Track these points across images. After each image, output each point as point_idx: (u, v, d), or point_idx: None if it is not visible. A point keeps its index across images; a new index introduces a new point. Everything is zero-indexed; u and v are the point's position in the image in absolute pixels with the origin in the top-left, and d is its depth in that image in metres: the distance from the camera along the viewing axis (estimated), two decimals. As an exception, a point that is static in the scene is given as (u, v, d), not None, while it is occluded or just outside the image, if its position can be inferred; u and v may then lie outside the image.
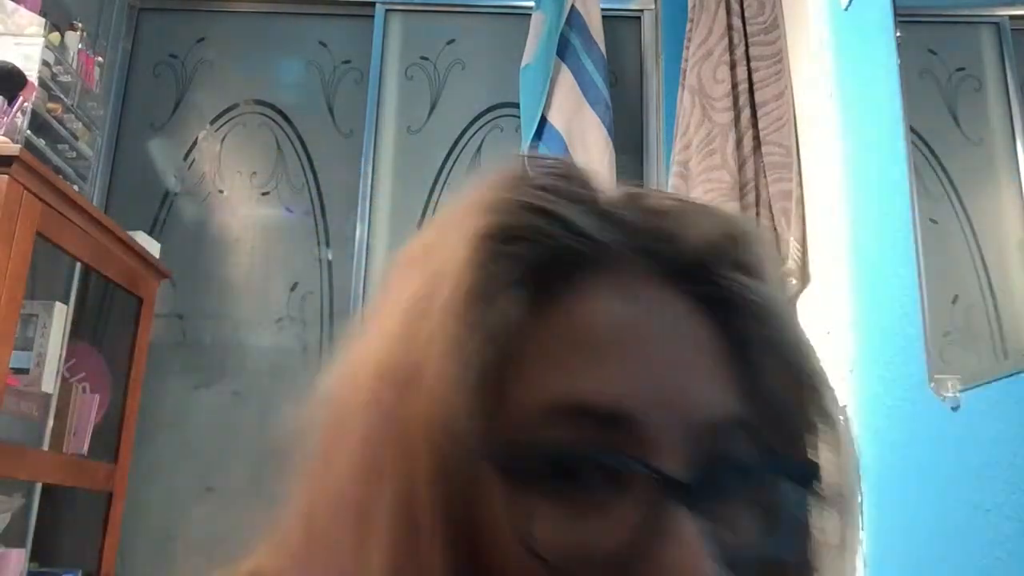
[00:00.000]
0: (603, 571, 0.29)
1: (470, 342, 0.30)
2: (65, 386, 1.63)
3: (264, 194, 2.27)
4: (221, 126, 2.31)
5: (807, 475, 0.34)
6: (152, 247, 1.88)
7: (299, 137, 2.31)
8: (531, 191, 0.34)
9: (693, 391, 0.32)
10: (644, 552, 0.29)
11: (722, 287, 0.35)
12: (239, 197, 2.26)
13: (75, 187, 1.68)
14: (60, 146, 1.70)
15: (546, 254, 0.33)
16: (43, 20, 1.64)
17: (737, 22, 1.79)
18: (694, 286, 0.35)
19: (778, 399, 0.34)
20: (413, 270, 0.34)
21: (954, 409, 1.01)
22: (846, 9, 1.43)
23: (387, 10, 2.39)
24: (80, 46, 1.80)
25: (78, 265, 1.69)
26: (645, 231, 0.35)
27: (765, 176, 1.69)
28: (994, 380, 0.93)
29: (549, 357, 0.32)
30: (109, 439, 1.74)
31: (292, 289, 2.20)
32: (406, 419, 0.30)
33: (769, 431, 0.34)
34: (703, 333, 0.34)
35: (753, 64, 1.76)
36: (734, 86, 1.74)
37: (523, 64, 2.13)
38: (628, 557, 0.29)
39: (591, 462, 0.30)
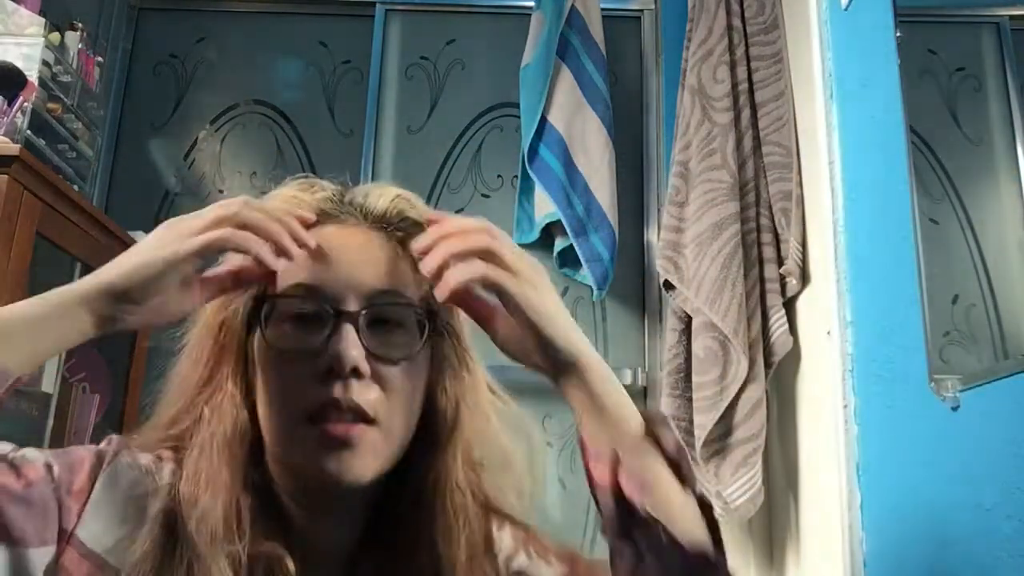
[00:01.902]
0: (310, 356, 0.60)
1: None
2: (65, 386, 1.63)
3: (264, 194, 2.26)
4: (221, 126, 2.31)
5: (429, 317, 0.65)
6: (152, 247, 1.87)
7: (299, 137, 2.31)
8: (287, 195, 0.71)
9: (365, 275, 0.63)
10: (328, 346, 0.60)
11: (397, 229, 0.67)
12: (239, 197, 2.26)
13: (75, 187, 1.68)
14: (60, 146, 1.70)
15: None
16: (43, 20, 1.64)
17: (737, 22, 1.79)
18: (384, 229, 0.67)
19: (419, 285, 0.65)
20: None
21: (954, 409, 1.01)
22: (846, 9, 1.43)
23: (387, 10, 2.39)
24: (80, 46, 1.80)
25: (78, 265, 1.69)
26: (353, 204, 0.68)
27: (765, 176, 1.69)
28: (994, 380, 0.93)
29: (292, 265, 0.62)
30: (109, 439, 1.73)
31: (292, 289, 2.20)
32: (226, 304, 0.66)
33: (410, 295, 0.65)
34: (382, 250, 0.65)
35: (753, 64, 1.76)
36: (734, 86, 1.74)
37: (523, 64, 2.13)
38: (321, 348, 0.60)
39: (309, 308, 0.62)
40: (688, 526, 0.58)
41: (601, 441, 0.60)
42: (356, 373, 0.60)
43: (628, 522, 0.57)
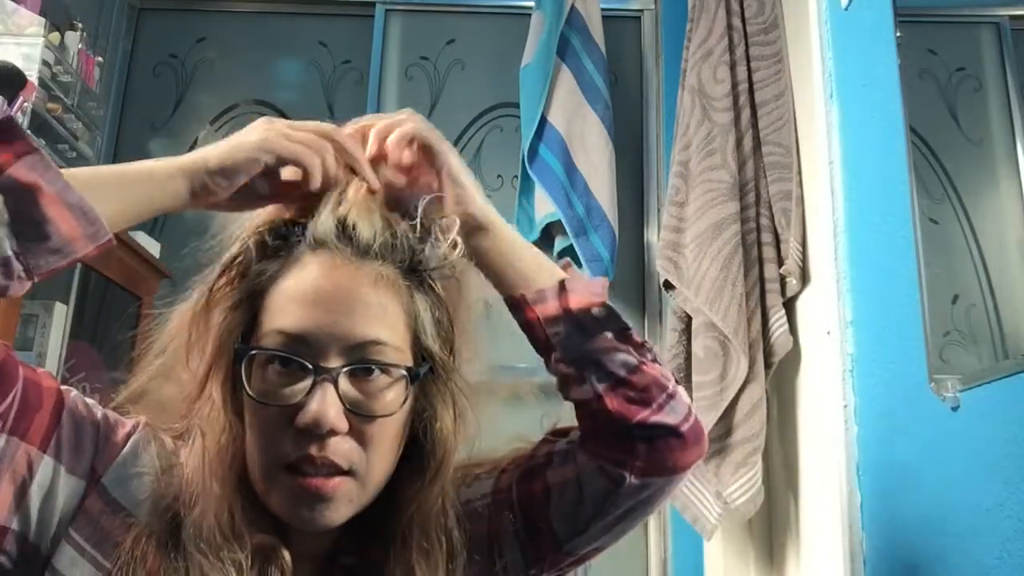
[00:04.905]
0: (286, 409, 0.60)
1: (238, 294, 0.65)
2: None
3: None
4: (221, 126, 2.31)
5: (415, 373, 0.64)
6: (152, 247, 1.88)
7: (299, 137, 2.31)
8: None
9: (349, 324, 0.62)
10: (304, 403, 0.60)
11: (387, 261, 0.65)
12: (239, 197, 2.26)
13: (75, 187, 1.68)
14: (60, 146, 1.70)
15: (283, 246, 0.65)
16: (43, 20, 1.64)
17: (737, 22, 1.79)
18: (375, 260, 0.64)
19: (409, 325, 0.65)
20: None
21: (954, 409, 1.01)
22: (846, 9, 1.43)
23: (387, 10, 2.39)
24: (80, 46, 1.80)
25: (78, 265, 1.69)
26: (344, 231, 0.64)
27: (765, 176, 1.69)
28: (994, 380, 0.93)
29: (277, 305, 0.63)
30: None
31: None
32: (215, 326, 0.65)
33: (399, 344, 0.64)
34: (371, 291, 0.63)
35: (753, 64, 1.76)
36: (734, 86, 1.74)
37: (523, 64, 2.13)
38: (301, 403, 0.60)
39: (288, 358, 0.61)
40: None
41: (531, 282, 0.70)
42: (333, 432, 0.60)
43: (581, 335, 0.67)
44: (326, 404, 0.59)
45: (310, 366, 0.61)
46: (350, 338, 0.62)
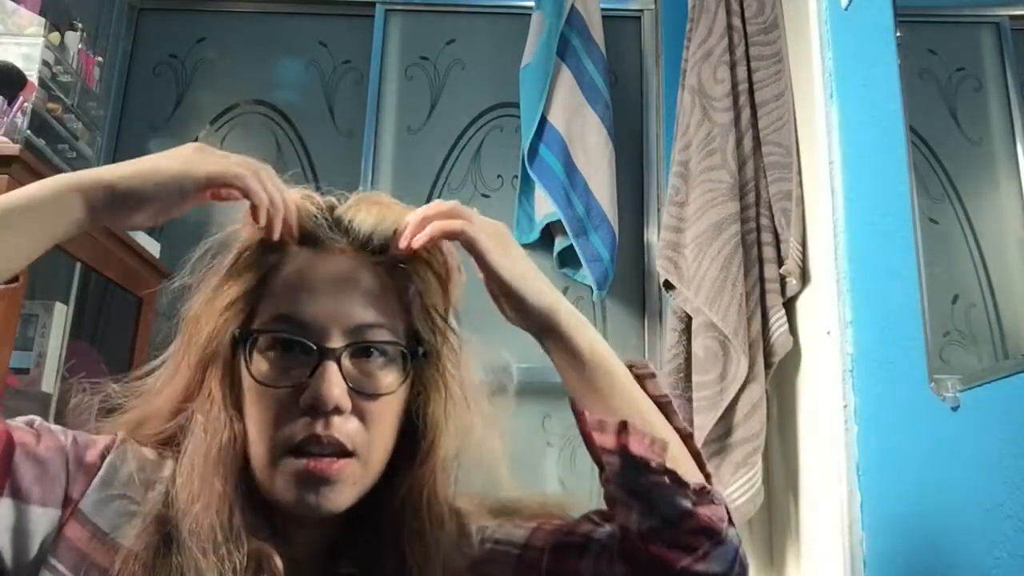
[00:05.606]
0: (291, 391, 0.62)
1: (236, 287, 0.66)
2: (65, 386, 1.63)
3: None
4: (221, 126, 2.31)
5: (412, 351, 0.67)
6: (152, 247, 1.88)
7: (299, 137, 2.31)
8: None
9: (348, 308, 0.64)
10: (310, 382, 0.61)
11: (383, 254, 0.68)
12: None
13: (75, 187, 1.68)
14: (60, 146, 1.70)
15: (276, 246, 0.67)
16: (43, 20, 1.64)
17: (737, 22, 1.79)
18: (371, 254, 0.68)
19: (403, 312, 0.68)
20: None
21: (954, 409, 1.01)
22: (846, 9, 1.43)
23: (387, 10, 2.39)
24: (80, 46, 1.80)
25: (78, 265, 1.69)
26: (340, 226, 0.68)
27: (765, 176, 1.69)
28: (994, 380, 0.93)
29: (277, 294, 0.66)
30: (109, 439, 1.73)
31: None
32: (212, 323, 0.66)
33: (395, 329, 0.66)
34: (368, 279, 0.66)
35: (753, 64, 1.76)
36: (734, 86, 1.74)
37: (523, 64, 2.13)
38: (304, 384, 0.62)
39: (291, 341, 0.63)
40: (687, 465, 0.65)
41: (594, 402, 0.66)
42: (337, 410, 0.62)
43: (635, 475, 0.63)
44: (331, 382, 0.61)
45: (314, 347, 0.62)
46: (349, 321, 0.64)
